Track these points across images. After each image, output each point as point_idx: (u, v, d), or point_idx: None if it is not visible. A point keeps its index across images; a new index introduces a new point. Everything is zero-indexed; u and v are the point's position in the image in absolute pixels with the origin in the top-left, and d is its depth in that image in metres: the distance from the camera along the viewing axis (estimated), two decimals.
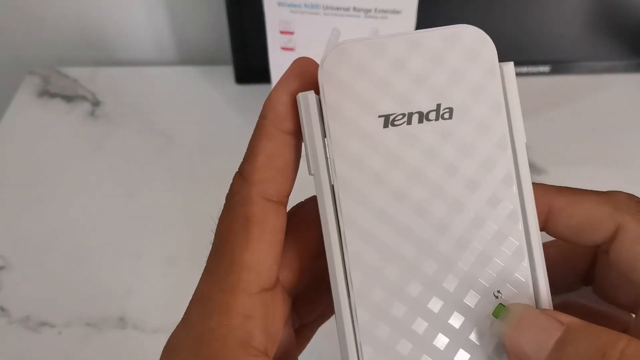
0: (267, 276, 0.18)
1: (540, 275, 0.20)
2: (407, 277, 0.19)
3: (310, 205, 0.21)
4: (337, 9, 0.42)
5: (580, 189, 0.21)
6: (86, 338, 0.40)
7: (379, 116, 0.19)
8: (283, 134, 0.19)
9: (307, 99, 0.19)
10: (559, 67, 0.62)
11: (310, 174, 0.19)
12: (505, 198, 0.19)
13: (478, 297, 0.19)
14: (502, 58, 0.21)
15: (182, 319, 0.19)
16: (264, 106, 0.19)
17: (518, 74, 0.68)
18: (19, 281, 0.44)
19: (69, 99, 0.60)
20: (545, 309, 0.19)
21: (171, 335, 0.19)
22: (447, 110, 0.19)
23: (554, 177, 0.52)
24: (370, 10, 0.42)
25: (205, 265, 0.19)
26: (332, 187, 0.19)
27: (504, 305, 0.19)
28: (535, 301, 0.20)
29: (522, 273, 0.20)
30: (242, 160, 0.19)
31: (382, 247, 0.19)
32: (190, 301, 0.19)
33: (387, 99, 0.19)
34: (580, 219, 0.20)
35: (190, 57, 0.66)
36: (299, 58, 0.19)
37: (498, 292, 0.19)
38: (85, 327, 0.41)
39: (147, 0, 0.62)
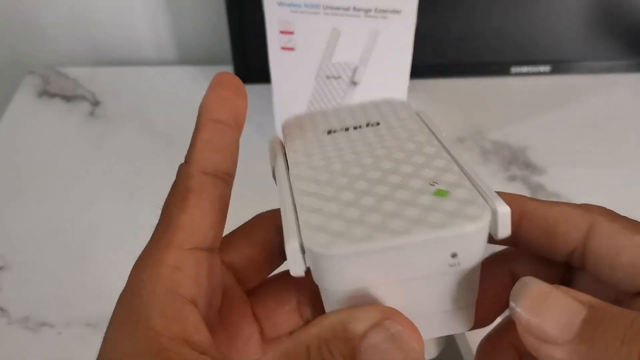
0: (202, 236, 0.20)
1: (473, 174, 0.20)
2: (345, 190, 0.20)
3: (269, 213, 0.24)
4: (337, 8, 0.42)
5: (550, 200, 0.21)
6: (86, 338, 0.40)
7: (324, 131, 0.24)
8: (215, 122, 0.22)
9: (273, 139, 0.24)
10: (559, 67, 0.62)
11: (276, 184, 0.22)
12: (435, 156, 0.21)
13: (414, 190, 0.19)
14: (503, 58, 0.21)
15: (128, 280, 0.20)
16: (198, 111, 0.23)
17: (518, 74, 0.68)
18: (18, 281, 0.44)
19: (68, 99, 0.60)
20: (559, 286, 0.18)
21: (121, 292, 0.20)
22: (375, 122, 0.24)
23: (554, 177, 0.52)
24: (370, 10, 0.42)
25: None
26: (287, 176, 0.22)
27: (444, 190, 0.19)
28: (476, 189, 0.19)
29: (454, 173, 0.20)
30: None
31: (322, 183, 0.21)
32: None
33: (330, 123, 0.24)
34: (553, 219, 0.20)
35: (190, 57, 0.66)
36: (218, 74, 0.23)
37: (434, 182, 0.19)
38: (85, 327, 0.41)
39: (147, 0, 0.62)
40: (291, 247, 0.18)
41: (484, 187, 0.19)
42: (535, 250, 0.21)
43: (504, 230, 0.18)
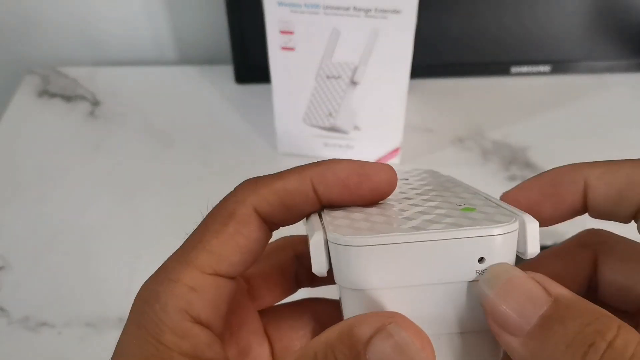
0: (226, 266, 0.19)
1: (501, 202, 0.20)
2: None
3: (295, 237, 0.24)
4: (337, 8, 0.42)
5: (614, 160, 0.20)
6: (86, 338, 0.40)
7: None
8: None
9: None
10: (560, 67, 0.62)
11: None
12: None
13: (444, 207, 0.19)
14: (503, 58, 0.21)
15: (143, 285, 0.20)
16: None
17: (518, 74, 0.68)
18: (18, 281, 0.44)
19: (68, 98, 0.60)
20: (535, 273, 0.17)
21: (135, 299, 0.20)
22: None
23: None
24: (370, 10, 0.42)
25: None
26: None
27: (471, 207, 0.19)
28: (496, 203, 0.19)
29: (481, 199, 0.20)
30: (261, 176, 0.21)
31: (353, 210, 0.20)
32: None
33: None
34: (618, 185, 0.19)
35: (190, 56, 0.66)
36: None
37: (461, 204, 0.19)
38: (84, 327, 0.41)
39: (147, 0, 0.62)
40: (315, 240, 0.18)
41: (511, 208, 0.19)
42: (601, 216, 0.20)
43: (533, 245, 0.18)
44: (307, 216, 0.21)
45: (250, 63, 0.59)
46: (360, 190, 0.20)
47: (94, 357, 0.40)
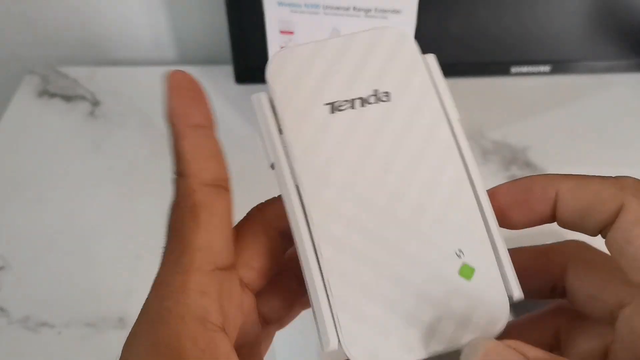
0: (220, 255, 0.19)
1: (496, 235, 0.20)
2: (370, 245, 0.20)
3: (268, 207, 0.23)
4: (337, 8, 0.42)
5: (586, 175, 0.21)
6: (86, 338, 0.40)
7: (325, 104, 0.21)
8: (194, 128, 0.21)
9: (260, 99, 0.21)
10: (560, 66, 0.62)
11: (271, 167, 0.21)
12: (449, 164, 0.21)
13: (440, 257, 0.20)
14: (503, 58, 0.21)
15: (142, 309, 0.19)
16: (166, 117, 0.21)
17: (518, 74, 0.68)
18: (18, 281, 0.44)
19: (68, 98, 0.60)
20: (511, 341, 0.18)
21: (133, 325, 0.19)
22: (384, 93, 0.21)
23: None
24: (370, 10, 0.42)
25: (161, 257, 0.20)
26: (293, 177, 0.20)
27: (469, 265, 0.20)
28: (497, 262, 0.20)
29: (479, 234, 0.20)
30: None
31: (345, 221, 0.20)
32: (150, 290, 0.19)
33: (330, 90, 0.21)
34: (586, 201, 0.20)
35: (190, 56, 0.66)
36: (168, 74, 0.21)
37: (460, 251, 0.20)
38: (84, 327, 0.41)
39: (147, 0, 0.62)
40: (331, 348, 0.19)
41: (503, 259, 0.20)
42: (568, 227, 0.21)
43: (518, 294, 0.20)
44: (265, 123, 0.21)
45: (250, 63, 0.59)
46: None
47: (94, 357, 0.40)
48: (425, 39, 0.54)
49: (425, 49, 0.22)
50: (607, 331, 0.21)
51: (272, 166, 0.21)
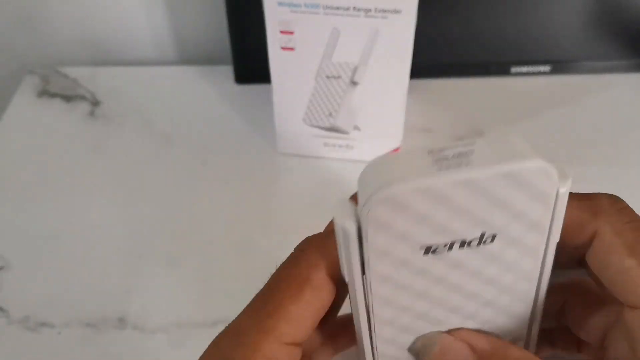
0: (301, 335, 0.19)
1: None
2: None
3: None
4: (337, 8, 0.42)
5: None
6: (86, 338, 0.40)
7: (420, 247, 0.18)
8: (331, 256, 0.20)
9: (347, 231, 0.18)
10: (560, 66, 0.62)
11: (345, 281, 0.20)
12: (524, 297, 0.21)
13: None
14: (503, 58, 0.21)
15: (212, 342, 0.20)
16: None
17: (518, 74, 0.68)
18: (18, 281, 0.44)
19: (68, 98, 0.60)
20: (459, 331, 0.19)
21: (200, 356, 0.20)
22: (491, 235, 0.18)
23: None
24: (370, 10, 0.42)
25: (250, 301, 0.20)
26: (366, 308, 0.20)
27: None
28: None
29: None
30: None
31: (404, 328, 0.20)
32: (225, 328, 0.20)
33: (429, 226, 0.18)
34: (564, 228, 0.20)
35: (190, 57, 0.66)
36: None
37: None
38: (84, 327, 0.41)
39: (147, 0, 0.62)
40: None
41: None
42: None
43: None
44: (345, 239, 0.18)
45: (250, 63, 0.59)
46: None
47: (93, 357, 0.40)
48: (425, 39, 0.54)
49: (425, 49, 0.22)
50: (612, 312, 0.21)
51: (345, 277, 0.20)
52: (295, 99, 0.49)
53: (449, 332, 0.20)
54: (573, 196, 0.20)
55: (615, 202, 0.21)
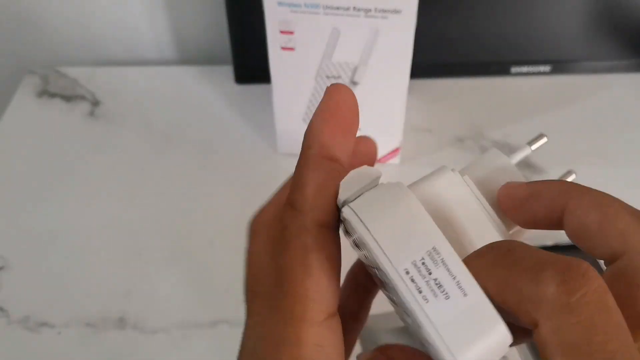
0: (331, 303, 0.18)
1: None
2: None
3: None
4: (337, 8, 0.42)
5: (602, 194, 0.20)
6: (86, 338, 0.40)
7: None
8: (329, 161, 0.18)
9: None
10: (560, 66, 0.62)
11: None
12: None
13: None
14: (503, 58, 0.21)
15: (245, 354, 0.18)
16: (306, 136, 0.18)
17: (518, 74, 0.68)
18: (18, 281, 0.44)
19: (68, 98, 0.60)
20: (378, 347, 0.19)
21: None
22: None
23: (554, 177, 0.52)
24: (370, 10, 0.42)
25: (269, 300, 0.19)
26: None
27: None
28: None
29: None
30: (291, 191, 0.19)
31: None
32: (253, 336, 0.18)
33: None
34: (596, 226, 0.19)
35: (190, 57, 0.66)
36: (334, 87, 0.18)
37: None
38: (84, 327, 0.41)
39: (147, 0, 0.62)
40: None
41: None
42: (575, 243, 0.20)
43: None
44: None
45: (250, 63, 0.59)
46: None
47: (93, 357, 0.40)
48: (425, 39, 0.54)
49: (425, 49, 0.22)
50: (607, 202, 0.19)
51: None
52: (295, 99, 0.49)
53: (382, 348, 0.20)
54: (615, 203, 0.19)
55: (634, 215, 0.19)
